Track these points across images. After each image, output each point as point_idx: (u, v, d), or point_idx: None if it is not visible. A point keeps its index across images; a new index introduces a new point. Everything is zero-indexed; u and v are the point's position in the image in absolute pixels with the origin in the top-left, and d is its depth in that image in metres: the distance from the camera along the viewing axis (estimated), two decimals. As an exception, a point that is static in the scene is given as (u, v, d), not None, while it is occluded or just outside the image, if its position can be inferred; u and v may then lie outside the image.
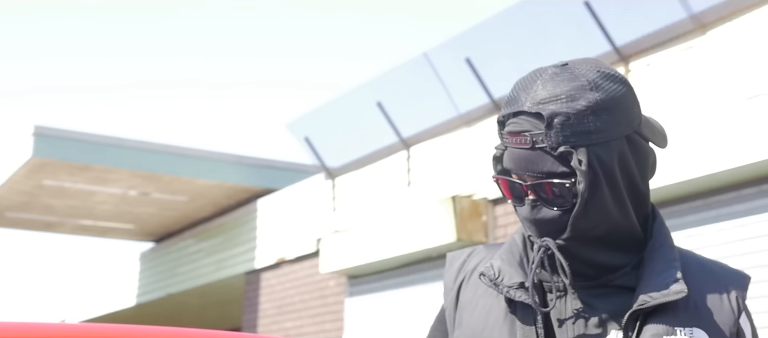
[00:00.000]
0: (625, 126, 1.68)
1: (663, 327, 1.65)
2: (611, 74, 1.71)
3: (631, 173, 1.71)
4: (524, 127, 1.67)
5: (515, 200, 1.76)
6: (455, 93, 10.73)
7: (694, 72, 8.27)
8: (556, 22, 9.39)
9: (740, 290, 1.74)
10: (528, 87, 1.71)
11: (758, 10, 7.85)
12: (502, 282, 1.76)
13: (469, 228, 10.31)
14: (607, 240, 1.71)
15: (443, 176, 11.11)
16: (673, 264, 1.70)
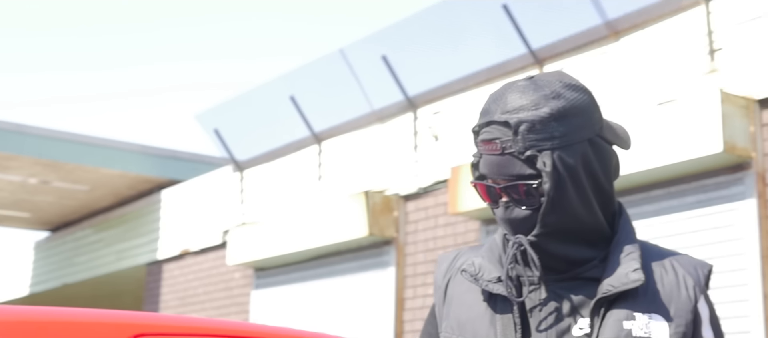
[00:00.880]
0: (587, 130, 1.83)
1: (624, 313, 1.80)
2: (573, 84, 1.86)
3: (594, 173, 1.85)
4: (495, 135, 1.83)
5: (492, 203, 1.91)
6: (370, 89, 10.77)
7: (607, 77, 8.48)
8: (474, 23, 9.52)
9: (698, 278, 1.88)
10: (498, 99, 1.87)
11: (670, 18, 8.09)
12: (481, 277, 1.90)
13: (380, 223, 10.37)
14: (575, 236, 1.86)
15: (355, 171, 11.14)
16: (633, 256, 1.85)
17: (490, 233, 9.46)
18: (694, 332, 1.85)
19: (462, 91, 9.96)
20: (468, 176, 9.07)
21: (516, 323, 1.85)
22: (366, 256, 10.87)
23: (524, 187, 1.82)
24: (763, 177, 7.33)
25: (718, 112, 7.19)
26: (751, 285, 7.28)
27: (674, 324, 1.82)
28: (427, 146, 10.31)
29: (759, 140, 7.36)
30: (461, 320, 1.93)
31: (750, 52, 7.50)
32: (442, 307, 2.00)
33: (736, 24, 7.62)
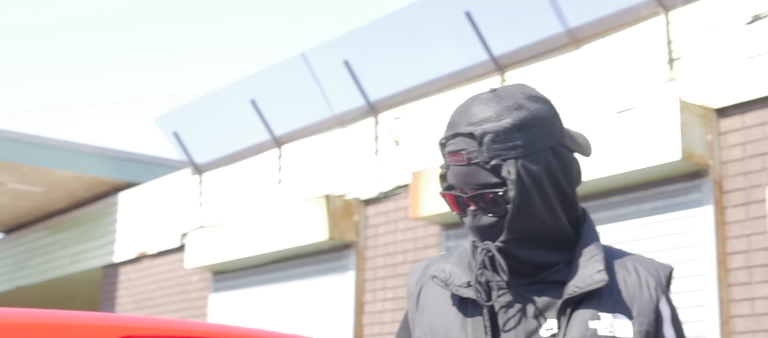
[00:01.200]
0: (549, 139, 1.91)
1: (590, 313, 1.88)
2: (534, 95, 1.94)
3: (557, 180, 1.92)
4: (461, 147, 1.90)
5: (460, 212, 1.97)
6: (331, 94, 10.78)
7: (568, 84, 8.57)
8: (436, 30, 9.56)
9: (659, 279, 1.96)
10: (463, 112, 1.94)
11: (630, 28, 8.20)
12: (452, 283, 1.97)
13: (340, 227, 10.38)
14: (541, 241, 1.93)
15: (316, 175, 11.14)
16: (597, 258, 1.92)
17: (450, 238, 9.51)
18: (657, 331, 1.92)
19: (423, 96, 10.00)
20: (429, 181, 9.11)
21: (486, 326, 1.92)
22: (326, 260, 10.87)
23: (491, 195, 1.89)
24: (720, 184, 7.45)
25: (677, 121, 7.30)
26: (707, 290, 7.39)
27: (637, 322, 1.89)
28: (388, 151, 10.34)
29: (716, 148, 7.47)
30: (434, 325, 1.99)
31: (708, 61, 7.62)
32: (415, 314, 2.06)
33: (695, 34, 7.74)
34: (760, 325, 7.10)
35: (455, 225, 9.43)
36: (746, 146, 7.36)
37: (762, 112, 7.29)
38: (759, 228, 7.18)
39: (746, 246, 7.26)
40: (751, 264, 7.22)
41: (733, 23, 7.51)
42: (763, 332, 7.08)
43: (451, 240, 9.51)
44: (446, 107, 9.70)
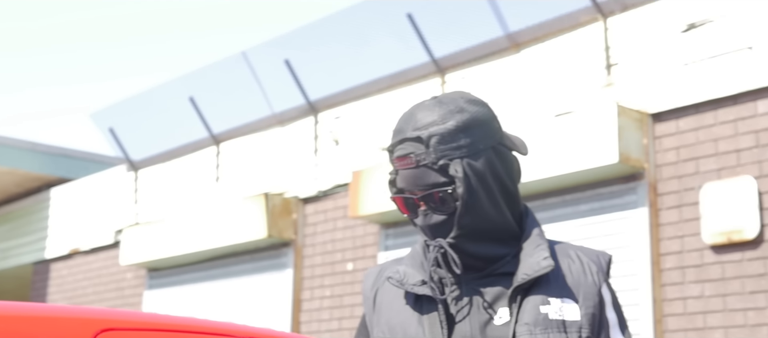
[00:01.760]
0: (490, 139, 2.03)
1: (540, 299, 2.00)
2: (473, 99, 2.06)
3: (500, 177, 2.04)
4: (409, 151, 2.01)
5: (411, 214, 2.07)
6: (271, 92, 10.75)
7: (507, 87, 8.66)
8: (378, 31, 9.60)
9: (600, 265, 2.10)
10: (408, 118, 2.04)
11: (569, 33, 8.32)
12: (407, 282, 2.08)
13: (279, 225, 10.35)
14: (488, 235, 2.04)
15: (255, 173, 11.09)
16: (542, 247, 2.05)
17: (389, 237, 9.55)
18: (600, 313, 2.05)
19: (364, 96, 10.03)
20: (369, 180, 9.14)
21: (442, 320, 2.01)
22: (264, 258, 10.83)
23: (439, 194, 2.00)
24: (654, 187, 7.60)
25: (614, 125, 7.43)
26: (641, 289, 7.54)
27: (583, 306, 2.02)
28: (327, 150, 10.34)
29: (651, 152, 7.63)
30: (392, 324, 2.08)
31: (644, 67, 7.78)
32: (373, 316, 2.15)
33: (632, 41, 7.89)
34: (691, 324, 7.26)
35: (394, 225, 9.48)
36: (680, 150, 7.53)
37: (696, 117, 7.46)
38: (691, 230, 7.35)
39: (679, 247, 7.43)
40: (683, 264, 7.38)
41: (669, 31, 7.67)
42: (694, 330, 7.25)
43: (389, 240, 9.56)
44: (387, 108, 9.74)
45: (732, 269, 7.12)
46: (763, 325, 6.91)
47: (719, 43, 7.36)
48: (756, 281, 6.98)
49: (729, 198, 7.13)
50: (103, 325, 2.31)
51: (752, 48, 7.17)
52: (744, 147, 7.17)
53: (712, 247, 7.23)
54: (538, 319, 1.98)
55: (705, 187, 7.28)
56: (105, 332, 2.29)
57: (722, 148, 7.29)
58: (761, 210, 7.00)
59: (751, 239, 7.00)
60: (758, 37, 7.15)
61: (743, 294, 7.04)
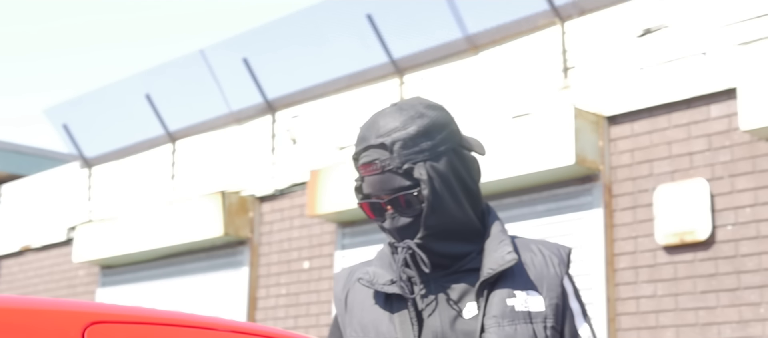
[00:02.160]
0: (450, 141, 2.10)
1: (506, 292, 2.08)
2: (432, 104, 2.14)
3: (462, 178, 2.12)
4: (373, 157, 2.08)
5: (378, 218, 2.14)
6: (229, 91, 10.71)
7: (466, 89, 8.72)
8: (338, 32, 9.61)
9: (561, 258, 2.17)
10: (371, 126, 2.11)
11: (527, 36, 8.41)
12: (377, 282, 2.14)
13: (236, 223, 10.32)
14: (453, 234, 2.12)
15: (211, 171, 11.04)
16: (505, 242, 2.13)
17: (346, 236, 9.57)
18: (564, 303, 2.12)
19: (322, 96, 10.04)
20: (327, 179, 9.15)
21: (412, 317, 2.08)
22: (219, 256, 10.79)
23: (405, 198, 2.07)
24: (609, 188, 7.71)
25: (571, 127, 7.52)
26: (595, 289, 7.64)
27: (547, 297, 2.10)
28: (285, 149, 10.33)
29: (607, 154, 7.73)
30: (364, 323, 2.15)
31: (601, 71, 7.88)
32: (345, 316, 2.21)
33: (589, 44, 7.99)
34: (644, 323, 7.38)
35: (351, 224, 9.50)
36: (635, 153, 7.64)
37: (650, 120, 7.58)
38: (645, 231, 7.46)
39: (633, 247, 7.54)
40: (637, 264, 7.49)
41: (625, 36, 7.79)
42: (647, 329, 7.36)
43: (346, 238, 9.57)
44: (345, 108, 9.76)
45: (684, 269, 7.24)
46: (714, 324, 7.04)
47: (674, 48, 7.49)
48: (707, 281, 7.11)
49: (682, 200, 7.26)
50: (93, 318, 2.30)
51: (706, 53, 7.30)
52: (697, 150, 7.30)
53: (665, 248, 7.35)
54: (505, 311, 2.05)
55: (658, 189, 7.40)
56: (95, 325, 2.27)
57: (676, 151, 7.42)
58: (713, 212, 7.13)
59: (703, 240, 7.13)
60: (712, 43, 7.28)
61: (695, 294, 7.16)
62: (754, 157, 7.02)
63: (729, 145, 7.14)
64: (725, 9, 7.26)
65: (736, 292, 6.97)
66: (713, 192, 7.16)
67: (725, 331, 6.98)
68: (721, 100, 7.21)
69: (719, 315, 7.02)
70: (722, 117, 7.20)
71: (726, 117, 7.18)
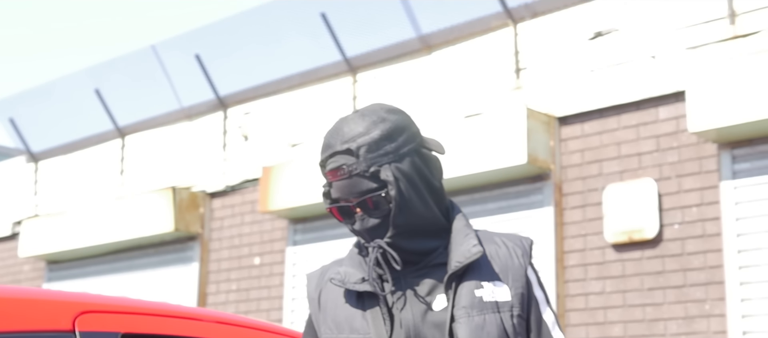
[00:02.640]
0: (412, 142, 2.17)
1: (473, 283, 2.14)
2: (392, 108, 2.21)
3: (426, 177, 2.18)
4: (340, 163, 2.13)
5: (348, 221, 2.20)
6: (180, 87, 10.65)
7: (418, 88, 8.78)
8: (292, 30, 9.61)
9: (524, 249, 2.25)
10: (335, 133, 2.17)
11: (480, 37, 8.49)
12: (348, 281, 2.20)
13: (186, 218, 10.27)
14: (421, 231, 2.18)
15: (162, 167, 10.96)
16: (470, 236, 2.19)
17: (298, 232, 9.57)
18: (528, 292, 2.18)
19: (274, 93, 10.03)
20: (279, 176, 9.15)
21: (384, 313, 2.15)
22: (169, 251, 10.72)
23: (373, 199, 2.13)
24: (560, 187, 7.82)
25: (523, 127, 7.62)
26: (545, 285, 7.73)
27: (513, 287, 2.16)
28: (236, 145, 10.30)
29: (557, 154, 7.84)
30: (338, 321, 2.21)
31: (552, 73, 7.99)
32: (319, 314, 2.27)
33: (541, 46, 8.09)
34: (592, 319, 7.50)
35: (303, 220, 9.50)
36: (585, 153, 7.76)
37: (600, 121, 7.70)
38: (594, 229, 7.59)
39: (582, 245, 7.66)
40: (586, 262, 7.62)
41: (577, 38, 7.90)
42: (595, 325, 7.49)
43: (298, 234, 9.58)
44: (297, 105, 9.76)
45: (632, 266, 7.38)
46: (660, 320, 7.19)
47: (624, 51, 7.62)
48: (654, 278, 7.26)
49: (630, 199, 7.39)
50: (83, 308, 2.31)
51: (655, 57, 7.44)
52: (645, 151, 7.44)
53: (614, 246, 7.48)
54: (473, 302, 2.12)
55: (608, 188, 7.53)
56: (85, 314, 2.29)
57: (625, 152, 7.55)
58: (661, 211, 7.27)
59: (651, 238, 7.27)
60: (661, 47, 7.43)
61: (642, 291, 7.30)
62: (701, 158, 7.18)
63: (676, 146, 7.29)
64: (674, 14, 7.41)
65: (682, 289, 7.12)
66: (661, 191, 7.30)
67: (671, 327, 7.13)
68: (670, 103, 7.36)
69: (666, 312, 7.16)
70: (670, 119, 7.35)
71: (674, 119, 7.33)
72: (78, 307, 2.31)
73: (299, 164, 9.16)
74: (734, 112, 6.69)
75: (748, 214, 6.92)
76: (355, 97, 9.30)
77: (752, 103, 6.62)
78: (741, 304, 6.85)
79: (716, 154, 7.10)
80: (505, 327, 2.14)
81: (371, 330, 2.16)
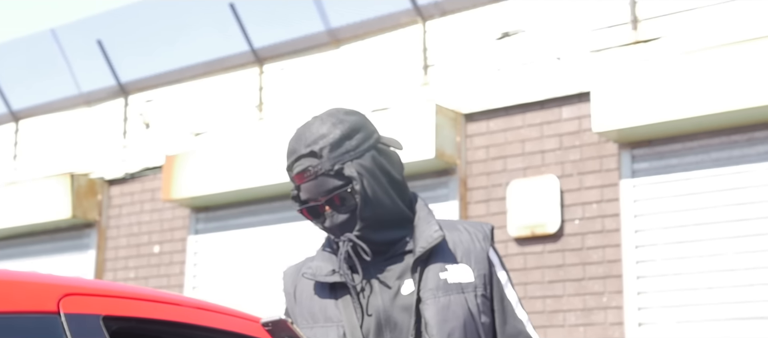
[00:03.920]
0: (370, 140, 2.31)
1: (438, 266, 2.28)
2: (348, 110, 2.35)
3: (387, 170, 2.33)
4: (306, 165, 2.26)
5: (318, 221, 2.32)
6: (80, 72, 10.37)
7: (326, 81, 8.77)
8: (197, 18, 9.46)
9: (485, 234, 2.39)
10: (298, 138, 2.29)
11: (389, 33, 8.53)
12: (320, 274, 2.33)
13: (84, 205, 10.02)
14: (386, 223, 2.31)
15: (58, 153, 10.66)
16: (432, 223, 2.35)
17: (200, 221, 9.45)
18: (491, 273, 2.32)
19: (178, 81, 9.86)
20: (183, 164, 9.03)
21: (355, 301, 2.27)
22: (65, 238, 10.44)
23: (340, 196, 2.25)
24: (465, 182, 7.93)
25: (432, 122, 7.70)
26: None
27: (476, 268, 2.30)
28: (137, 133, 10.09)
29: (463, 149, 7.95)
30: (313, 311, 2.32)
31: (460, 70, 8.09)
32: (294, 307, 2.38)
33: (449, 44, 8.19)
34: (494, 310, 7.63)
35: (206, 209, 9.38)
36: (490, 149, 7.89)
37: (505, 119, 7.84)
38: (498, 223, 7.72)
39: (486, 238, 7.78)
40: (489, 255, 7.74)
41: (484, 37, 8.03)
42: (497, 316, 7.62)
43: (200, 224, 9.45)
44: (201, 94, 9.63)
45: (533, 260, 7.54)
46: (560, 312, 7.37)
47: (530, 51, 7.78)
48: (555, 271, 7.43)
49: (533, 195, 7.55)
50: (67, 290, 2.28)
51: (560, 58, 7.62)
52: (549, 148, 7.62)
53: (517, 240, 7.63)
54: (439, 284, 2.25)
55: (512, 184, 7.67)
56: (69, 296, 2.25)
57: (529, 149, 7.71)
58: (562, 207, 7.45)
59: (553, 233, 7.45)
60: (566, 48, 7.61)
61: (543, 283, 7.47)
62: (602, 156, 7.38)
63: (579, 145, 7.48)
64: (580, 18, 7.60)
65: (581, 282, 7.32)
66: (563, 188, 7.48)
67: (570, 318, 7.32)
68: (573, 103, 7.54)
69: (565, 304, 7.35)
70: (573, 118, 7.54)
71: (576, 118, 7.52)
72: (62, 289, 2.27)
73: (203, 153, 9.04)
74: (635, 114, 6.91)
75: (645, 212, 7.16)
76: (262, 87, 9.23)
77: (652, 106, 6.85)
78: (637, 297, 7.09)
79: (617, 154, 7.32)
80: (469, 306, 2.25)
81: (343, 318, 2.25)
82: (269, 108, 9.14)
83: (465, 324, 2.23)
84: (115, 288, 2.40)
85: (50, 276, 2.33)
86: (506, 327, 2.30)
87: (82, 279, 2.40)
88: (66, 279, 2.32)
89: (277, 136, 8.55)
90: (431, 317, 2.22)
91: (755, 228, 6.73)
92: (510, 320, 2.31)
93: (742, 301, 6.73)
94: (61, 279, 2.31)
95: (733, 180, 6.87)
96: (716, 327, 6.79)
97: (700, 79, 6.67)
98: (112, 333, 2.28)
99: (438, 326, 2.21)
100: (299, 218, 8.56)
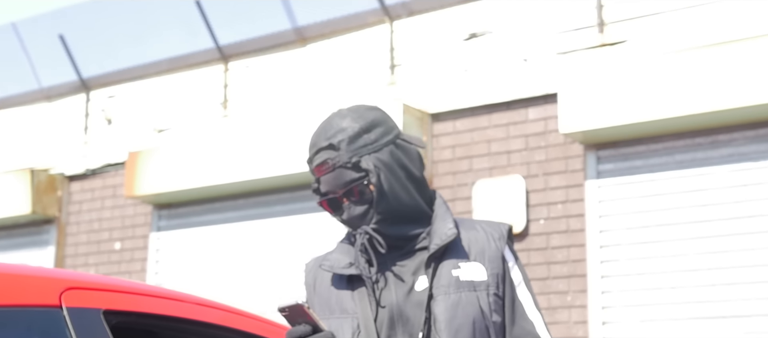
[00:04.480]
0: (390, 135, 2.33)
1: (452, 263, 2.29)
2: (369, 106, 2.38)
3: (405, 166, 2.33)
4: (325, 158, 2.29)
5: (337, 213, 2.34)
6: (41, 67, 10.21)
7: (292, 79, 8.73)
8: (162, 15, 9.37)
9: (501, 233, 2.40)
10: (319, 133, 2.33)
11: (356, 32, 8.52)
12: (337, 266, 2.35)
13: (43, 201, 9.88)
14: (404, 218, 2.32)
15: (18, 148, 10.49)
16: (448, 220, 2.36)
17: (163, 217, 9.36)
18: (504, 273, 2.33)
19: (141, 77, 9.75)
20: (146, 161, 8.94)
21: (370, 293, 2.28)
22: (24, 234, 10.28)
23: (358, 188, 2.27)
24: (430, 181, 7.94)
25: (398, 121, 7.68)
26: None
27: (489, 267, 2.31)
28: (99, 128, 9.97)
29: (430, 149, 7.96)
30: (330, 303, 2.34)
31: (427, 70, 8.10)
32: (314, 298, 2.40)
33: (416, 44, 8.19)
34: (459, 308, 7.65)
35: (169, 206, 9.29)
36: (456, 149, 7.91)
37: (472, 119, 7.87)
38: (463, 223, 7.73)
39: (451, 237, 7.79)
40: (454, 254, 7.75)
41: (451, 38, 8.04)
42: (461, 314, 7.64)
43: (163, 220, 9.36)
44: (165, 90, 9.54)
45: (499, 259, 7.56)
46: (524, 310, 7.40)
47: (497, 53, 7.81)
48: (520, 270, 7.46)
49: (499, 195, 7.59)
50: (68, 284, 2.25)
51: (527, 60, 7.66)
52: (514, 149, 7.65)
53: (482, 239, 7.64)
54: (451, 281, 2.26)
55: (477, 184, 7.70)
56: (70, 290, 2.23)
57: (495, 149, 7.74)
58: (528, 206, 7.49)
59: (518, 233, 7.48)
60: (533, 50, 7.65)
61: (508, 282, 7.49)
62: (567, 157, 7.44)
63: (544, 146, 7.53)
64: (547, 20, 7.65)
65: (546, 281, 7.36)
66: (528, 188, 7.52)
67: (535, 317, 7.35)
68: (539, 104, 7.58)
69: (530, 303, 7.38)
70: (539, 119, 7.58)
71: (542, 120, 7.56)
72: (64, 283, 2.25)
73: (167, 150, 8.96)
74: (601, 116, 6.96)
75: (610, 212, 7.22)
76: (226, 85, 9.16)
77: (617, 108, 6.91)
78: (601, 296, 7.15)
79: (582, 155, 7.37)
80: (480, 304, 2.26)
81: (358, 310, 2.27)
82: (234, 105, 9.08)
83: (474, 321, 2.24)
84: (116, 283, 2.37)
85: (52, 270, 2.31)
86: (514, 328, 2.31)
87: (83, 274, 2.37)
88: (68, 274, 2.30)
89: (241, 134, 8.49)
90: (440, 313, 2.24)
91: (717, 230, 6.83)
92: (519, 320, 2.32)
93: (704, 301, 6.81)
94: (63, 273, 2.29)
95: (696, 182, 6.96)
96: (679, 326, 6.87)
97: (666, 82, 6.75)
98: (113, 327, 2.26)
99: (446, 322, 2.22)
100: (262, 216, 8.56)
